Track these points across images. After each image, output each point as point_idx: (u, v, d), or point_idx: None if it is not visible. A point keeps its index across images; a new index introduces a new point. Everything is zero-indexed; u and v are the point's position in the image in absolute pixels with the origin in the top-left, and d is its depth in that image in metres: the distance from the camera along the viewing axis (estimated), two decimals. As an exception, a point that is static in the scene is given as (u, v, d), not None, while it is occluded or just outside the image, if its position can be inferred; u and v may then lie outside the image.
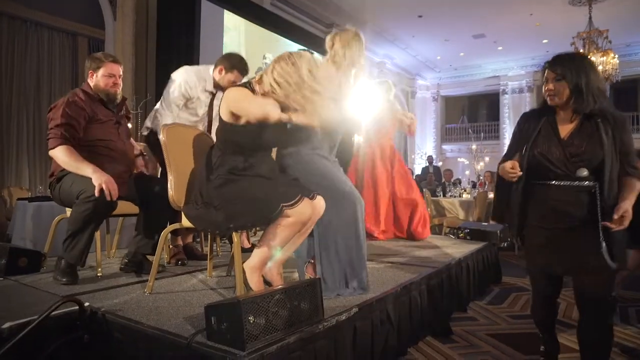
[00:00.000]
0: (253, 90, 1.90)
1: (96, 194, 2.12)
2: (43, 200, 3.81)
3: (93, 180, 2.15)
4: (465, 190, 7.02)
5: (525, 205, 1.80)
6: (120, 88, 2.54)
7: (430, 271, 2.64)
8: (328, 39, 2.40)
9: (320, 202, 1.91)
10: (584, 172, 1.65)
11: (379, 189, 4.00)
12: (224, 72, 2.80)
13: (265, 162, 1.98)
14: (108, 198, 2.14)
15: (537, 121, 1.80)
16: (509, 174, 1.75)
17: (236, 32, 7.63)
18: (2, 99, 5.42)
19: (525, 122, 1.86)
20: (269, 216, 1.79)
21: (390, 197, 4.07)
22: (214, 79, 2.84)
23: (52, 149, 2.26)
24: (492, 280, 3.77)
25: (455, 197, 6.55)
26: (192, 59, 6.01)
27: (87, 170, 2.20)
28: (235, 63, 2.81)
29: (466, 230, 4.00)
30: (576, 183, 1.68)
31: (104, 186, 2.13)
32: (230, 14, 7.47)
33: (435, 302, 2.55)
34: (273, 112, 1.76)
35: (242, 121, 1.86)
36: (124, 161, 2.51)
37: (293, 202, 1.77)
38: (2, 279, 2.28)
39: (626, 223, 1.61)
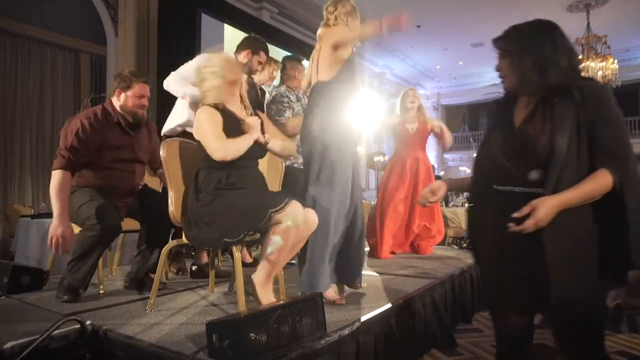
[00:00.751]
0: (223, 111, 1.96)
1: (47, 242, 2.13)
2: (46, 217, 3.82)
3: (50, 227, 2.13)
4: (468, 200, 6.99)
5: (473, 217, 1.48)
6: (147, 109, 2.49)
7: (433, 283, 2.63)
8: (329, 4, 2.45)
9: (312, 212, 1.93)
10: (535, 175, 1.24)
11: (388, 207, 3.79)
12: (250, 55, 2.92)
13: (250, 173, 2.00)
14: (55, 252, 2.16)
15: (496, 113, 1.52)
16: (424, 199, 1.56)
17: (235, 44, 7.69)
18: (6, 116, 5.47)
19: (488, 116, 1.63)
20: (259, 225, 1.80)
21: (404, 220, 3.86)
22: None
23: (53, 169, 2.25)
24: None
25: (457, 206, 6.53)
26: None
27: (55, 209, 2.17)
28: (260, 45, 3.00)
29: (468, 240, 3.98)
30: (519, 189, 1.26)
31: (53, 240, 2.10)
32: (230, 27, 7.55)
33: (439, 314, 2.53)
34: (229, 153, 1.86)
35: None
36: (130, 185, 2.46)
37: (281, 206, 1.78)
38: (4, 297, 2.28)
39: (529, 227, 1.15)
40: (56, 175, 2.21)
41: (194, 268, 2.90)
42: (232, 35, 7.60)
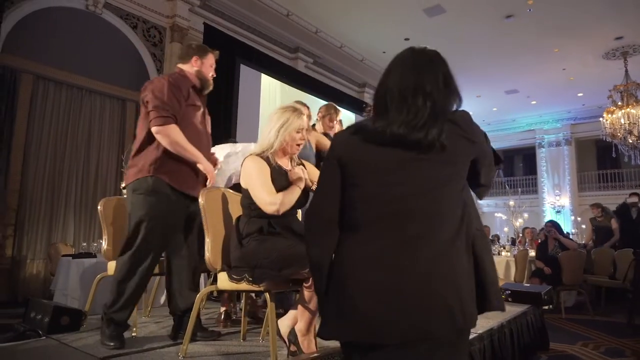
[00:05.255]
0: (270, 163, 1.98)
1: (207, 184, 2.21)
2: (86, 257, 3.96)
3: (202, 167, 2.20)
4: (504, 248, 6.77)
5: None
6: None
7: (471, 337, 2.52)
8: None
9: None
10: None
11: None
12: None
13: (291, 222, 2.02)
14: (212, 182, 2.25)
15: None
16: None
17: (272, 92, 8.00)
18: (56, 160, 5.81)
19: None
20: (297, 271, 1.80)
21: None
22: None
23: (159, 126, 2.20)
24: (538, 347, 3.53)
25: (493, 254, 6.31)
26: (230, 124, 6.33)
27: (197, 154, 2.21)
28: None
29: (507, 292, 3.82)
30: None
31: (209, 177, 2.18)
32: (267, 76, 7.89)
33: (478, 371, 2.41)
34: (282, 207, 1.87)
35: None
36: (206, 153, 2.46)
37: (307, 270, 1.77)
38: (44, 337, 2.34)
39: None
40: (171, 129, 2.21)
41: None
42: (269, 84, 7.94)
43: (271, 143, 1.98)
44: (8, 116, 5.33)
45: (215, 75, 2.59)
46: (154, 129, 2.22)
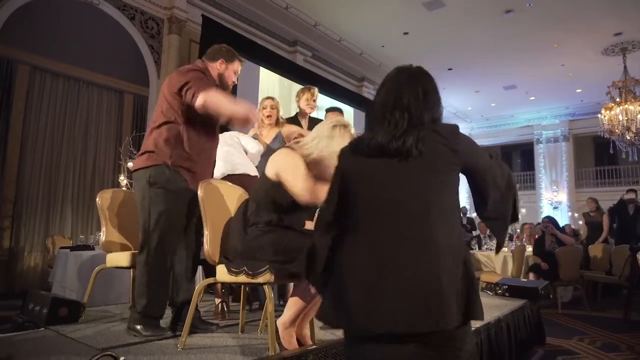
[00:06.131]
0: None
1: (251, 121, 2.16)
2: (84, 249, 3.96)
3: (241, 112, 2.11)
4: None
5: None
6: None
7: (468, 331, 2.53)
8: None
9: None
10: None
11: None
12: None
13: (300, 220, 2.02)
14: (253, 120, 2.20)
15: None
16: None
17: (270, 86, 7.97)
18: (53, 152, 5.79)
19: None
20: (293, 269, 1.80)
21: None
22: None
23: (202, 93, 2.14)
24: (535, 341, 3.56)
25: (491, 250, 6.34)
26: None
27: (230, 105, 2.14)
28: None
29: (504, 287, 3.84)
30: None
31: (252, 114, 2.13)
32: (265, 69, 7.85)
33: (475, 365, 2.42)
34: (318, 198, 1.81)
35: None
36: (210, 151, 2.46)
37: None
38: (43, 329, 2.34)
39: None
40: (211, 94, 2.15)
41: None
42: (267, 77, 7.90)
43: (311, 152, 1.94)
44: (4, 108, 5.30)
45: (236, 83, 2.56)
46: (200, 97, 2.14)
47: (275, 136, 3.29)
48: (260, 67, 7.75)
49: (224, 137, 3.04)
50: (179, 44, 6.81)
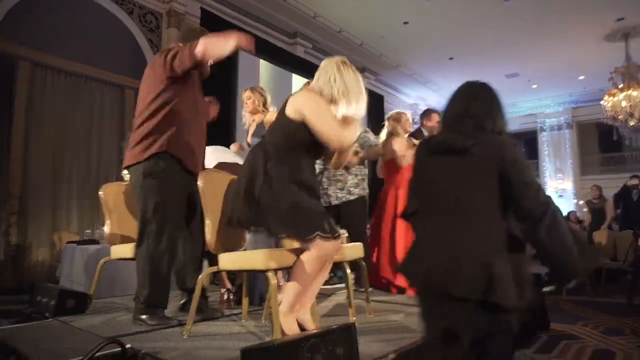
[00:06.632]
0: None
1: (245, 44, 2.16)
2: (90, 243, 4.00)
3: (232, 40, 2.13)
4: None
5: None
6: None
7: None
8: None
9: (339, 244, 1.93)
10: None
11: (397, 235, 3.53)
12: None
13: (311, 170, 2.04)
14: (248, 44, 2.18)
15: None
16: None
17: (271, 78, 7.96)
18: (57, 147, 5.82)
19: None
20: (304, 236, 1.81)
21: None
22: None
23: (193, 50, 2.16)
24: (539, 326, 3.57)
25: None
26: (229, 110, 6.32)
27: (222, 40, 2.16)
28: None
29: (508, 273, 3.83)
30: None
31: (243, 38, 2.14)
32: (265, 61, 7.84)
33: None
34: (350, 141, 1.87)
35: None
36: (201, 133, 2.49)
37: (327, 235, 1.79)
38: (51, 319, 2.38)
39: None
40: (201, 44, 2.16)
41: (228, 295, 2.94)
42: (265, 69, 7.90)
43: (331, 93, 1.93)
44: (7, 104, 5.33)
45: (213, 63, 2.57)
46: (198, 46, 2.16)
47: (254, 132, 3.29)
48: (260, 60, 7.74)
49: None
50: (184, 33, 6.80)
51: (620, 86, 9.10)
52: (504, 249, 1.39)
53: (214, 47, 2.17)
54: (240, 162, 2.98)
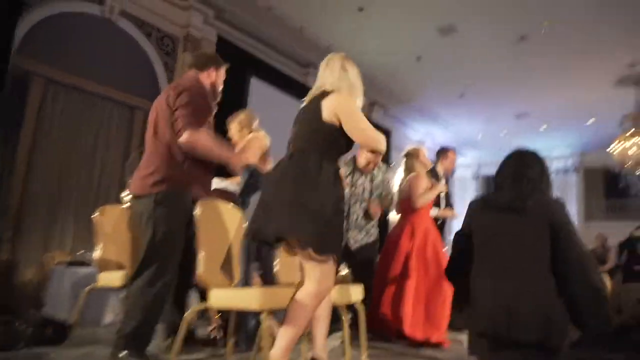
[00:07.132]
0: None
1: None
2: (80, 265, 3.86)
3: (236, 161, 2.20)
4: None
5: None
6: None
7: None
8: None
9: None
10: None
11: (404, 277, 3.41)
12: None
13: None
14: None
15: None
16: None
17: (282, 107, 7.97)
18: (62, 164, 5.75)
19: None
20: (324, 251, 1.70)
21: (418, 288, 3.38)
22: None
23: (192, 131, 2.11)
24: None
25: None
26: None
27: (225, 154, 2.20)
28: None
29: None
30: None
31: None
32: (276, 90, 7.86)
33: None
34: (384, 143, 1.92)
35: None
36: (212, 164, 2.44)
37: (336, 262, 1.71)
38: (26, 348, 2.23)
39: None
40: (203, 135, 2.14)
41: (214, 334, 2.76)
42: (278, 99, 7.93)
43: (358, 94, 2.04)
44: (17, 119, 5.30)
45: (221, 87, 2.53)
46: (186, 135, 2.13)
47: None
48: (272, 88, 7.77)
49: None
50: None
51: (629, 133, 9.02)
52: (558, 298, 1.63)
53: (204, 151, 2.22)
54: (232, 188, 2.89)
